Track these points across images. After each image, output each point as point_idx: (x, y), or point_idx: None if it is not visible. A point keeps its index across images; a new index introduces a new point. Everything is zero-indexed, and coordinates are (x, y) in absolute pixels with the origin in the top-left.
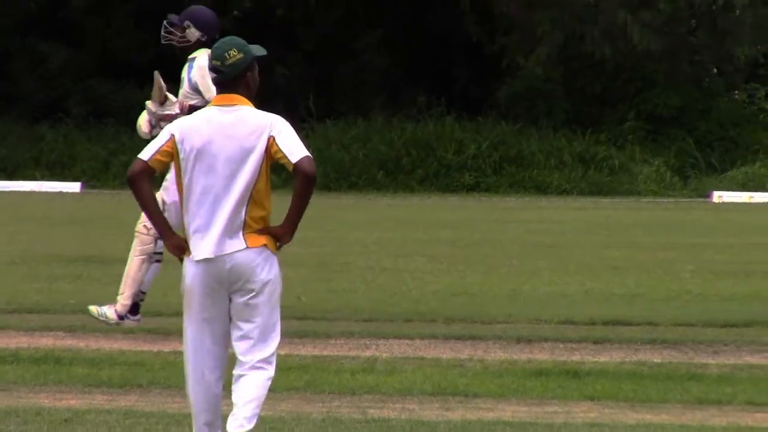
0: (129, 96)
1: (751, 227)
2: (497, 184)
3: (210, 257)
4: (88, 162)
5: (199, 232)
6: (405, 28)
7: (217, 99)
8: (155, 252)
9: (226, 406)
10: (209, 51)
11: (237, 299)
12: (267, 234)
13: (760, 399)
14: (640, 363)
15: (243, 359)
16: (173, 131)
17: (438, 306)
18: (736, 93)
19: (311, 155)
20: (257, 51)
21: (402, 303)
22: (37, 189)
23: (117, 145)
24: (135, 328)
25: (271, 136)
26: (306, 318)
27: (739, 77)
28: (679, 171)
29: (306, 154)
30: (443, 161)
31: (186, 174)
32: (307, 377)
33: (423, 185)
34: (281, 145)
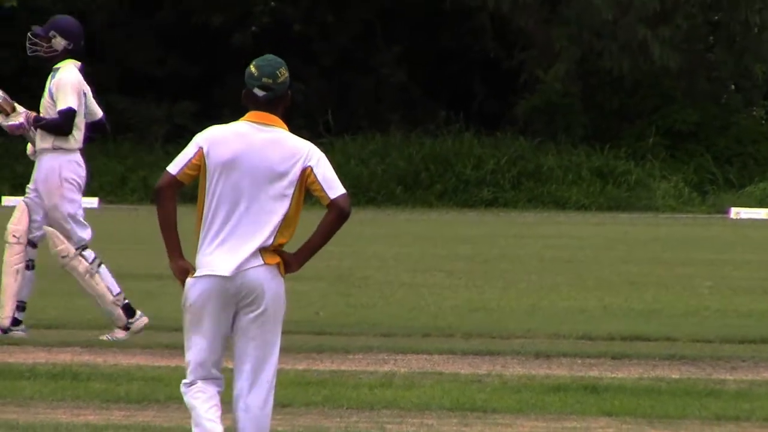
0: (147, 111)
1: None
2: (515, 199)
3: (227, 275)
4: (105, 177)
5: (218, 248)
6: (423, 43)
7: (253, 116)
8: (28, 259)
9: (226, 407)
10: (75, 62)
11: (243, 315)
12: (280, 255)
13: None
14: (658, 379)
15: (244, 384)
16: (201, 143)
17: (456, 321)
18: (754, 109)
19: (346, 192)
20: None
21: (420, 318)
22: None
23: (134, 161)
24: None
25: (309, 166)
26: (324, 333)
27: (757, 94)
28: (698, 187)
29: (344, 191)
30: (462, 176)
31: (210, 187)
32: (326, 392)
33: (441, 200)
34: (319, 178)
